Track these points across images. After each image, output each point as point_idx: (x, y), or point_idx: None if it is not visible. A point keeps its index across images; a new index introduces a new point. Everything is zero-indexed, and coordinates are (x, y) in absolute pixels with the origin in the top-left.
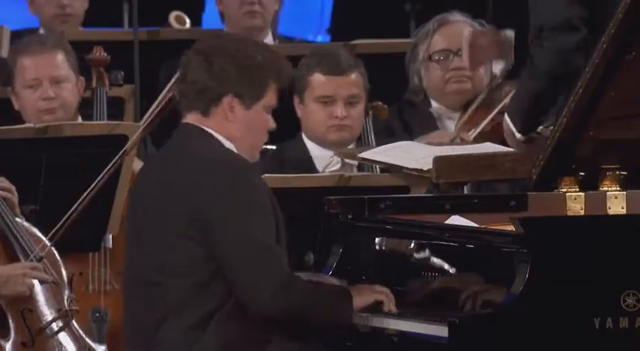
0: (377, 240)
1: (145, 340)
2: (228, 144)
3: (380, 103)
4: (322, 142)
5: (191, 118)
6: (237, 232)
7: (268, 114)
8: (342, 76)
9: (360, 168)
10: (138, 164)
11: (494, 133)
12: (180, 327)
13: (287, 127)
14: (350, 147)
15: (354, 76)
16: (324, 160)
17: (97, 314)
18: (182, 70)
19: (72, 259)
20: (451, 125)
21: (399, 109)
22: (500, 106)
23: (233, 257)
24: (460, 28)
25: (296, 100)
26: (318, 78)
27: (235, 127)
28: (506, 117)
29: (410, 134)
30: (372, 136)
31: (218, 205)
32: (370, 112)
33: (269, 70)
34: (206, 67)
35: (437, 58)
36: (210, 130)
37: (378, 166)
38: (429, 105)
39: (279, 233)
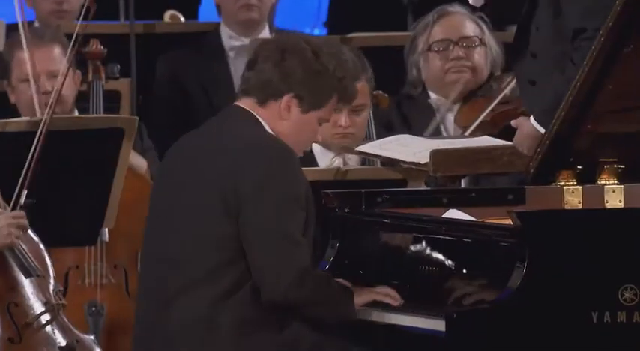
0: (374, 234)
1: (158, 317)
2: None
3: (381, 92)
4: (325, 146)
5: (245, 103)
6: (267, 217)
7: (319, 126)
8: None
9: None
10: (135, 158)
11: (494, 124)
12: (198, 304)
13: None
14: None
15: (360, 84)
16: (326, 157)
17: (94, 308)
18: (254, 55)
19: (68, 252)
20: (450, 116)
21: (397, 102)
22: (500, 97)
23: (257, 242)
24: (459, 19)
25: None
26: None
27: (285, 125)
28: (533, 122)
29: (409, 128)
30: (374, 130)
31: (255, 187)
32: (371, 103)
33: (336, 84)
34: (277, 62)
35: (436, 48)
36: (260, 119)
37: (379, 161)
38: (428, 96)
39: (307, 227)
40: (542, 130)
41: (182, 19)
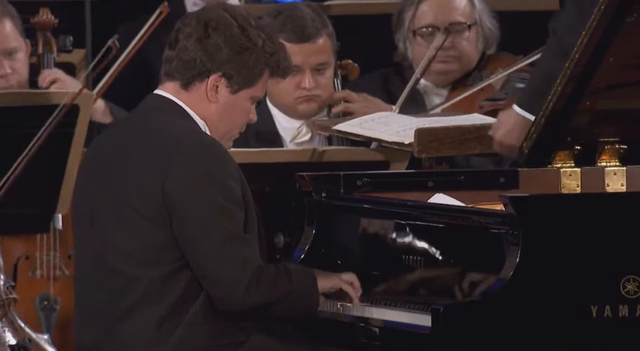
0: (353, 220)
1: (105, 334)
2: (201, 123)
3: (350, 61)
4: (289, 113)
5: (167, 88)
6: (205, 219)
7: (252, 105)
8: (308, 42)
9: (329, 140)
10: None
11: None
12: (147, 321)
13: None
14: (321, 114)
15: (321, 41)
16: (292, 131)
17: (46, 302)
18: (175, 34)
19: (17, 241)
20: (437, 100)
21: (384, 78)
22: (483, 85)
23: (201, 247)
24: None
25: None
26: None
27: (214, 109)
28: (517, 109)
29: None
30: (342, 102)
31: (188, 191)
32: (339, 73)
33: (267, 59)
34: (201, 39)
35: (422, 33)
36: (184, 106)
37: (351, 138)
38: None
39: (248, 220)
40: (531, 117)
41: None
